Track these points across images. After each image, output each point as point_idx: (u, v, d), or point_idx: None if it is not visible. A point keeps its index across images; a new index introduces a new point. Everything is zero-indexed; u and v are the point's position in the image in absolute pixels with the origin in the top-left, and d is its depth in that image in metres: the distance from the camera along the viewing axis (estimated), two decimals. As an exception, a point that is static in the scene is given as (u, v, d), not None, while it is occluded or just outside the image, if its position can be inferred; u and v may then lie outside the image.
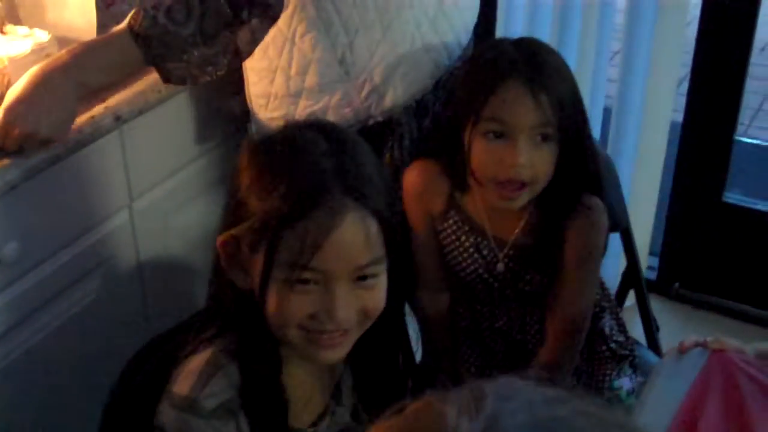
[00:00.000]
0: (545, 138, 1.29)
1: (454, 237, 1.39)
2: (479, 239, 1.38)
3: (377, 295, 1.04)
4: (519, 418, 0.46)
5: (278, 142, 1.05)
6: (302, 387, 1.10)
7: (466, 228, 1.38)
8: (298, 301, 1.01)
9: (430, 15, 1.45)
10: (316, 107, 1.44)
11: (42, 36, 1.47)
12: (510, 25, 2.22)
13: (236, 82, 1.54)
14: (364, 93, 1.43)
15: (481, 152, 1.30)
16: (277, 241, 0.98)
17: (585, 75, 2.10)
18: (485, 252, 1.38)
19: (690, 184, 2.27)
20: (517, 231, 1.37)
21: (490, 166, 1.29)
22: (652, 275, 2.38)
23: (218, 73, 1.37)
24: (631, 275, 1.68)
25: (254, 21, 1.33)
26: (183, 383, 1.05)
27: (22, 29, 1.49)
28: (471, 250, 1.38)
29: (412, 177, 1.40)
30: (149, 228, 1.56)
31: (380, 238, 1.01)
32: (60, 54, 1.33)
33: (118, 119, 1.42)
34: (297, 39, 1.42)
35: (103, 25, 1.50)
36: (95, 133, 1.39)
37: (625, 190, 1.86)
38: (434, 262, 1.42)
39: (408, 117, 1.45)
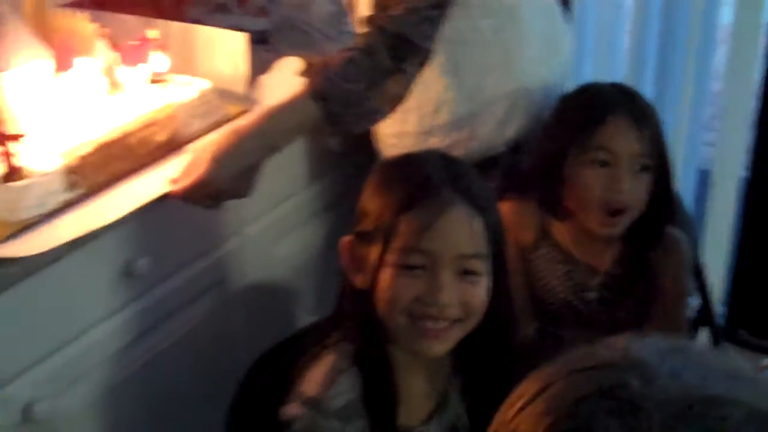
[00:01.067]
0: (644, 168, 1.42)
1: (546, 265, 1.50)
2: (571, 267, 1.49)
3: (479, 292, 1.15)
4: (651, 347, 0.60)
5: (398, 160, 1.24)
6: (413, 389, 1.20)
7: (559, 257, 1.50)
8: (406, 285, 1.12)
9: (543, 55, 1.60)
10: (446, 142, 1.58)
11: (204, 84, 1.58)
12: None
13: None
14: (490, 127, 1.56)
15: (587, 179, 1.43)
16: (392, 227, 1.12)
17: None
18: (577, 280, 1.49)
19: (758, 232, 2.35)
20: (607, 260, 1.48)
21: (596, 192, 1.42)
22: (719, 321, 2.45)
23: (381, 120, 1.46)
24: (704, 314, 1.76)
25: (411, 68, 1.40)
26: (310, 384, 1.17)
27: (182, 77, 1.59)
28: (563, 278, 1.50)
29: (504, 210, 1.52)
30: (257, 253, 1.70)
31: (483, 236, 1.14)
32: (251, 118, 1.41)
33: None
34: (431, 82, 1.53)
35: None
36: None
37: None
38: (523, 291, 1.53)
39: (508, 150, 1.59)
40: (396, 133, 1.62)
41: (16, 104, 1.34)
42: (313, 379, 1.18)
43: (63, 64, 1.42)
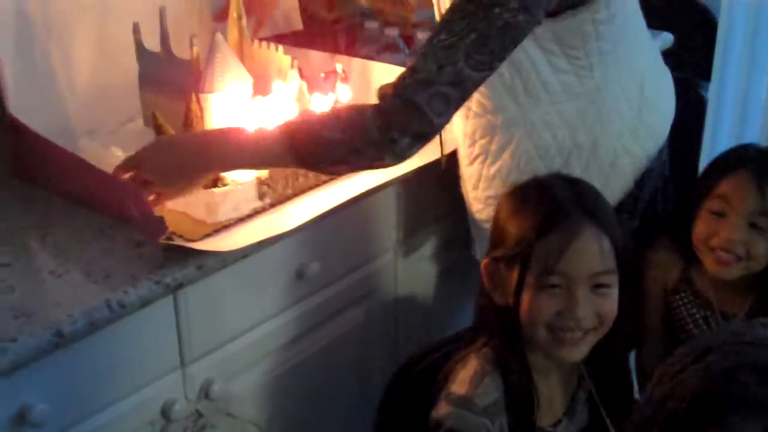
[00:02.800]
0: (759, 227, 1.50)
1: (684, 309, 1.60)
2: (708, 313, 1.59)
3: (610, 303, 1.29)
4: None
5: (527, 186, 1.36)
6: (547, 392, 1.34)
7: (697, 302, 1.59)
8: (546, 302, 1.27)
9: (630, 126, 1.59)
10: None
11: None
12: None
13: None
14: None
15: (702, 224, 1.54)
16: (530, 252, 1.26)
17: None
18: (713, 325, 1.58)
19: None
20: (744, 309, 1.57)
21: (706, 235, 1.53)
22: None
23: (351, 169, 1.47)
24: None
25: (406, 141, 1.34)
26: (460, 385, 1.31)
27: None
28: (700, 321, 1.59)
29: (655, 250, 1.63)
30: (407, 269, 1.86)
31: (612, 254, 1.28)
32: (236, 135, 1.44)
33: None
34: (521, 169, 1.55)
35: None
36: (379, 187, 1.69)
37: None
38: (660, 326, 1.64)
39: None
40: (488, 219, 1.53)
41: (221, 121, 1.54)
42: (462, 380, 1.32)
43: (260, 89, 1.63)
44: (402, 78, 1.34)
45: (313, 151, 1.36)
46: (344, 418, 1.77)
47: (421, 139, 1.35)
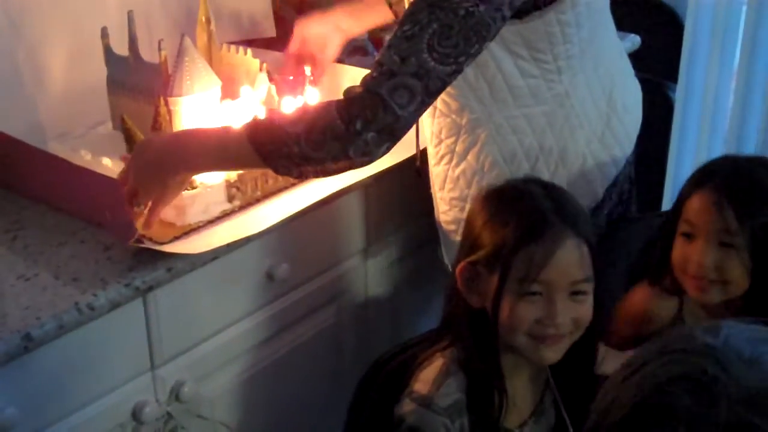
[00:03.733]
0: (729, 245, 1.40)
1: None
2: None
3: (586, 309, 1.32)
4: (745, 334, 0.72)
5: (504, 191, 1.37)
6: (514, 394, 1.35)
7: None
8: (526, 309, 1.29)
9: (598, 133, 1.59)
10: None
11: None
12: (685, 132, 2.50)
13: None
14: None
15: (677, 249, 1.46)
16: (511, 261, 1.28)
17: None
18: None
19: None
20: None
21: (682, 264, 1.45)
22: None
23: (326, 175, 1.42)
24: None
25: (370, 135, 1.32)
26: (423, 384, 1.33)
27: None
28: None
29: (638, 298, 1.55)
30: (377, 270, 1.88)
31: (589, 261, 1.30)
32: (200, 134, 1.44)
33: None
34: (485, 171, 1.55)
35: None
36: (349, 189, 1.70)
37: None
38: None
39: None
40: (453, 220, 1.63)
41: (189, 124, 1.55)
42: (425, 380, 1.34)
43: (228, 93, 1.64)
44: (368, 73, 1.34)
45: (274, 147, 1.34)
46: (315, 419, 1.78)
47: (388, 134, 1.32)
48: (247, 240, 1.51)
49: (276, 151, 1.34)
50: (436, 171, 1.65)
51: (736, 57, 2.47)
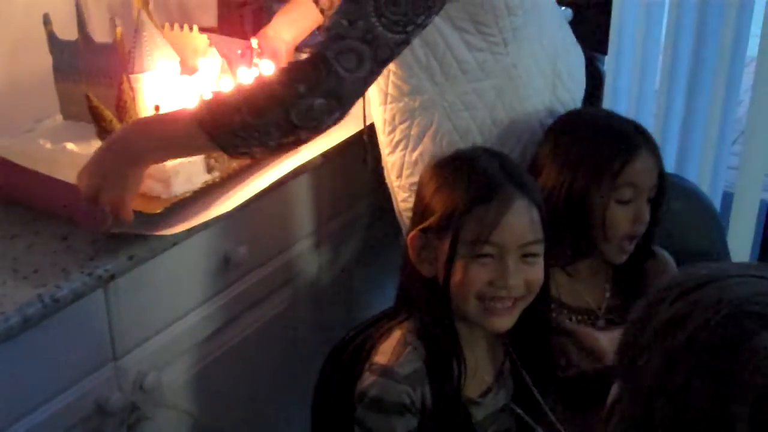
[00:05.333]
0: (651, 199, 1.52)
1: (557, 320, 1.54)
2: (570, 316, 1.57)
3: (538, 271, 1.33)
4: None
5: (454, 159, 1.38)
6: (473, 363, 1.36)
7: (564, 311, 1.57)
8: (478, 271, 1.30)
9: (546, 103, 1.62)
10: None
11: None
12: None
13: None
14: None
15: (615, 215, 1.49)
16: (462, 224, 1.29)
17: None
18: (585, 317, 1.57)
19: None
20: (607, 295, 1.58)
21: (625, 226, 1.50)
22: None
23: (273, 152, 1.40)
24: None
25: (317, 101, 1.30)
26: (382, 355, 1.34)
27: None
28: (571, 317, 1.57)
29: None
30: (331, 250, 1.87)
31: (540, 224, 1.32)
32: (149, 124, 1.40)
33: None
34: (444, 150, 1.52)
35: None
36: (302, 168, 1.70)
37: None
38: None
39: None
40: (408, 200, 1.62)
41: (154, 101, 1.51)
42: (384, 351, 1.35)
43: (185, 68, 1.61)
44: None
45: (218, 122, 1.30)
46: (280, 401, 1.77)
47: (335, 99, 1.30)
48: (215, 221, 1.51)
49: (221, 127, 1.30)
50: (391, 160, 1.65)
51: (662, 30, 2.51)
